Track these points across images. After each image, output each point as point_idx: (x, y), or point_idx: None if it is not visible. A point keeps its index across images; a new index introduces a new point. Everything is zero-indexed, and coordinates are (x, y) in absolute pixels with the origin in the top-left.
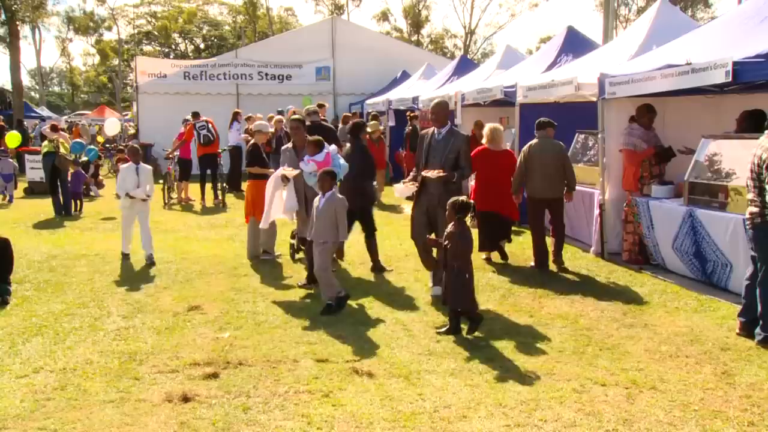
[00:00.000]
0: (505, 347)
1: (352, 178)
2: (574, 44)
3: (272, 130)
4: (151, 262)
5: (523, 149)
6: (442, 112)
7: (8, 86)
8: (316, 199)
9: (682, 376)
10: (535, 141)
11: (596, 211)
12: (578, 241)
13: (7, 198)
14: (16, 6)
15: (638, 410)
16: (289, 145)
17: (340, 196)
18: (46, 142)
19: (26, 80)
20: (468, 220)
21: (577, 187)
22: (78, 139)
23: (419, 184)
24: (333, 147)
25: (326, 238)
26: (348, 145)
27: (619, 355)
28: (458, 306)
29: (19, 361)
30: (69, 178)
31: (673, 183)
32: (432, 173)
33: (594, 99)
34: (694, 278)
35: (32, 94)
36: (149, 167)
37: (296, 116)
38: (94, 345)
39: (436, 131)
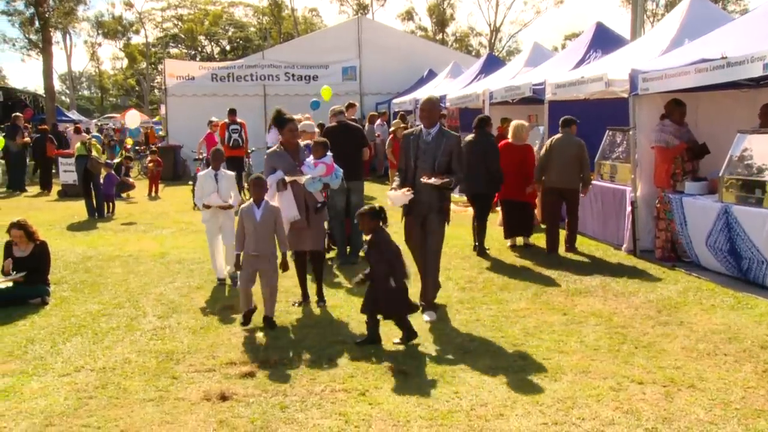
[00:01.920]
0: (540, 345)
1: (479, 165)
2: (604, 40)
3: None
4: (233, 279)
5: (546, 142)
6: (433, 109)
7: (40, 91)
8: (245, 206)
9: (721, 374)
10: (558, 136)
11: (628, 209)
12: (609, 239)
13: None
14: (48, 13)
15: (677, 409)
16: (275, 147)
17: (275, 204)
18: (78, 145)
19: (57, 85)
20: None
21: (607, 184)
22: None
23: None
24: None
25: (268, 251)
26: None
27: (656, 353)
28: (393, 312)
29: (60, 360)
30: (101, 181)
31: (706, 179)
32: (434, 180)
33: (625, 95)
34: (729, 275)
35: (63, 98)
36: (231, 173)
37: (289, 116)
38: (132, 344)
39: (424, 131)
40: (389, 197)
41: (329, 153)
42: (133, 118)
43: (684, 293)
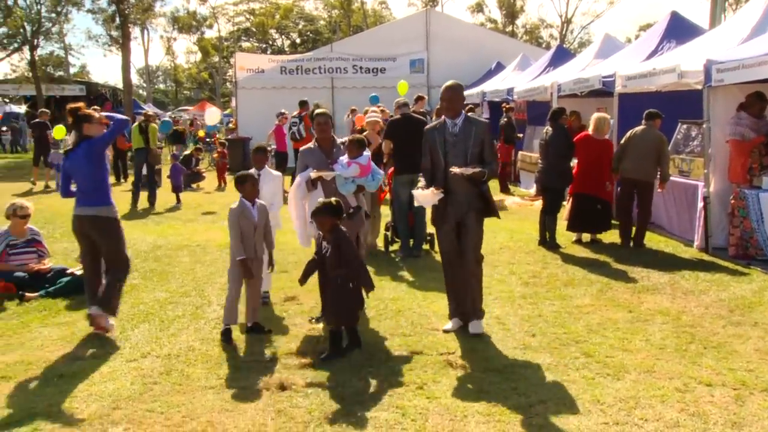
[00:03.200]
0: (602, 343)
1: (554, 158)
2: (678, 30)
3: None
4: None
5: (627, 133)
6: (454, 97)
7: (119, 85)
8: (237, 206)
9: None
10: (640, 128)
11: (700, 204)
12: (679, 236)
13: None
14: (128, 10)
15: (749, 413)
16: (311, 144)
17: (264, 202)
18: (134, 127)
19: (135, 79)
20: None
21: (679, 179)
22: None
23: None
24: (366, 152)
25: (261, 254)
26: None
27: (726, 354)
28: (344, 322)
29: (128, 346)
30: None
31: None
32: (465, 170)
33: (699, 87)
34: None
35: (140, 91)
36: (277, 174)
37: (322, 110)
38: (196, 332)
39: (449, 122)
40: (416, 197)
41: (366, 153)
42: (212, 116)
43: (759, 293)
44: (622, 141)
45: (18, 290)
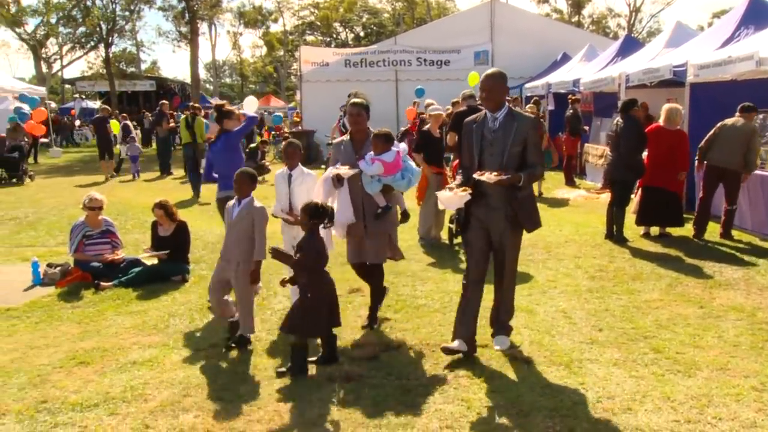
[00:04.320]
0: (673, 338)
1: (625, 150)
2: (758, 15)
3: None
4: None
5: (718, 123)
6: (496, 87)
7: (188, 80)
8: (230, 204)
9: None
10: (733, 119)
11: None
12: (756, 230)
13: (134, 176)
14: (197, 6)
15: None
16: (344, 137)
17: (259, 204)
18: (182, 118)
19: (202, 73)
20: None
21: (757, 172)
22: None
23: (473, 190)
24: (403, 146)
25: (239, 257)
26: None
27: None
28: (302, 333)
29: (198, 335)
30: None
31: None
32: (490, 176)
33: None
34: None
35: (207, 86)
36: (312, 173)
37: (357, 100)
38: (263, 323)
39: (489, 116)
40: (440, 199)
41: (395, 149)
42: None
43: None
44: (713, 130)
45: (93, 279)
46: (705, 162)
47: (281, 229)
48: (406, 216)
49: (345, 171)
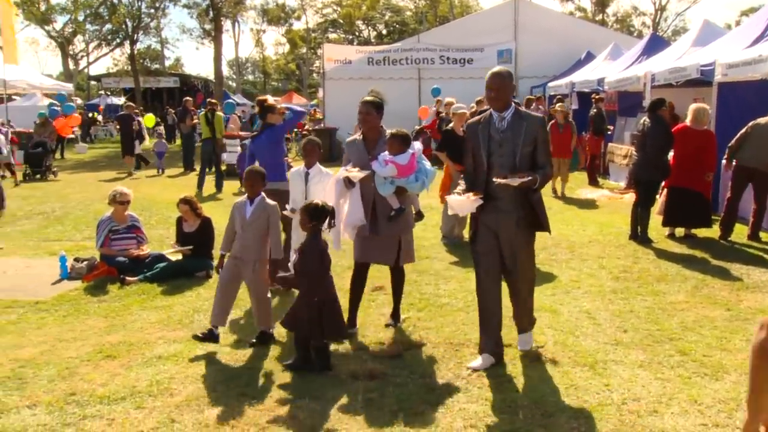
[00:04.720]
0: (699, 341)
1: (651, 150)
2: None
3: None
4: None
5: (751, 123)
6: (503, 86)
7: (211, 77)
8: (239, 200)
9: None
10: (767, 118)
11: None
12: None
13: (160, 171)
14: (221, 3)
15: None
16: (357, 135)
17: (272, 202)
18: (201, 114)
19: (225, 70)
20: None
21: None
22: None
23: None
24: (418, 146)
25: (254, 256)
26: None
27: None
28: (297, 332)
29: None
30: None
31: None
32: (513, 179)
33: None
34: None
35: (230, 83)
36: (329, 173)
37: (368, 97)
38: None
39: (495, 116)
40: (450, 204)
41: (410, 150)
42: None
43: None
44: (744, 129)
45: (119, 274)
46: (734, 162)
47: (292, 228)
48: (420, 216)
49: (355, 174)
